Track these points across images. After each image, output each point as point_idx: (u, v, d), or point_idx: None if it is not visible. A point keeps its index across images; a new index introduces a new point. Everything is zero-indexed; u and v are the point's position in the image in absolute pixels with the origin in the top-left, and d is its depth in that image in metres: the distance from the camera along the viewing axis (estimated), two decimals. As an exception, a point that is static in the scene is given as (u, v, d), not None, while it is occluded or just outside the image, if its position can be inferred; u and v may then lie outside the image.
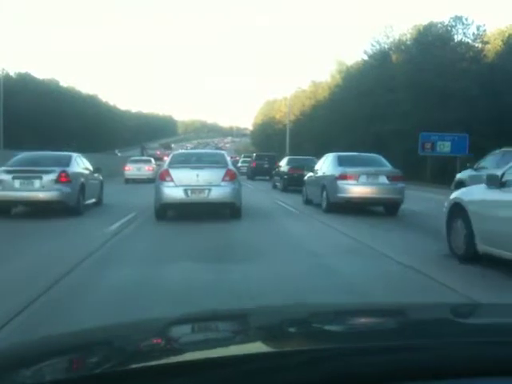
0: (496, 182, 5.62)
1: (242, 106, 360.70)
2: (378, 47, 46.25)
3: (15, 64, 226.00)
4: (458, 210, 6.14)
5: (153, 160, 30.03)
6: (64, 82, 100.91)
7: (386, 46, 46.12)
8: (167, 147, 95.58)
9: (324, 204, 11.93)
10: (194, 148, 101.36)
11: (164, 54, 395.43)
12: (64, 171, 10.59)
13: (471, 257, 5.87)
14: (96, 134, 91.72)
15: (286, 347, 1.13)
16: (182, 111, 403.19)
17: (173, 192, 9.78)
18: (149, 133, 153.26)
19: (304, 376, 0.89)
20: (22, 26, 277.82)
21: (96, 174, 13.00)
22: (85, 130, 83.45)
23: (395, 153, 34.48)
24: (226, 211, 10.31)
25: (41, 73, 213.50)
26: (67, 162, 11.27)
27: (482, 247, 5.68)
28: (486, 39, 42.40)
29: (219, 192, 9.87)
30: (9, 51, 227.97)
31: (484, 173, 11.30)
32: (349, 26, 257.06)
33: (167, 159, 11.38)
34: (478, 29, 42.26)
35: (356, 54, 78.08)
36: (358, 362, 0.94)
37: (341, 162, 11.96)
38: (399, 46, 44.16)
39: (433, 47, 39.15)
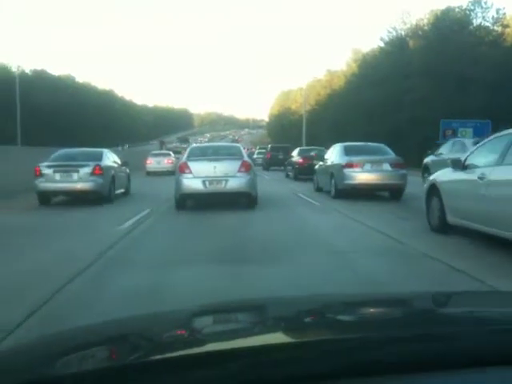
0: (460, 166, 6.89)
1: (258, 97, 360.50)
2: (394, 34, 46.27)
3: (31, 61, 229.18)
4: (433, 190, 7.49)
5: (172, 153, 31.94)
6: (80, 78, 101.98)
7: (403, 33, 45.95)
8: (185, 141, 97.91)
9: (333, 191, 13.08)
10: (209, 141, 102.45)
11: (179, 47, 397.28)
12: (98, 165, 12.29)
13: (443, 228, 7.23)
14: (113, 128, 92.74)
15: (307, 337, 1.14)
16: (198, 104, 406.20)
17: (192, 183, 10.53)
18: (165, 126, 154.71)
19: (325, 366, 0.92)
20: (36, 24, 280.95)
21: (124, 167, 14.65)
22: (102, 125, 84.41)
23: (413, 140, 34.35)
24: (243, 200, 11.11)
25: (56, 69, 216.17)
26: (99, 156, 12.95)
27: (450, 219, 7.02)
28: (505, 22, 41.58)
29: (235, 182, 10.57)
30: (24, 48, 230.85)
31: (441, 158, 14.67)
32: (364, 13, 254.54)
33: (185, 152, 12.23)
34: (497, 12, 41.68)
35: (372, 41, 78.16)
36: (379, 352, 0.96)
37: (347, 151, 13.10)
38: (416, 31, 43.84)
39: (451, 32, 38.68)
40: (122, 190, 14.18)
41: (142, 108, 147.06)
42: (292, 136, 58.72)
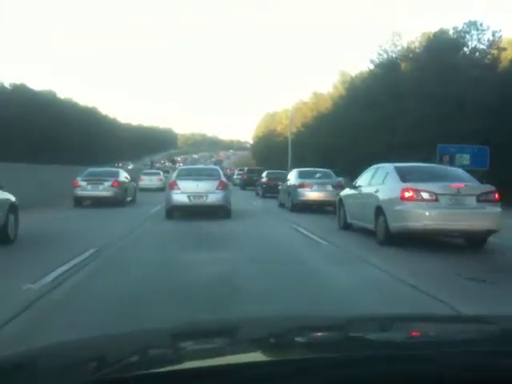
0: (352, 186, 11.73)
1: (242, 119, 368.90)
2: (385, 56, 48.62)
3: (10, 75, 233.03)
4: (340, 202, 12.33)
5: (161, 172, 39.75)
6: (61, 94, 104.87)
7: (394, 55, 48.26)
8: (173, 161, 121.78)
9: (289, 205, 18.18)
10: (185, 163, 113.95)
11: (164, 67, 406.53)
12: (116, 180, 19.73)
13: (345, 227, 11.90)
14: (95, 147, 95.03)
15: (285, 355, 1.31)
16: (183, 124, 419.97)
17: (179, 197, 14.63)
18: (149, 146, 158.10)
19: (303, 383, 1.04)
20: (17, 37, 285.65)
21: (132, 182, 21.73)
22: (83, 143, 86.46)
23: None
24: (220, 212, 15.29)
25: (37, 84, 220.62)
26: (117, 174, 20.76)
27: (350, 220, 11.81)
28: (502, 45, 43.23)
29: (214, 197, 14.71)
30: (4, 62, 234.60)
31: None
32: (349, 36, 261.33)
33: (174, 173, 17.25)
34: (493, 35, 43.31)
35: (360, 64, 79.89)
36: (357, 371, 1.09)
37: (300, 175, 18.53)
38: (407, 54, 46.02)
39: (445, 54, 40.23)
40: (130, 198, 21.36)
41: (125, 126, 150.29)
42: (277, 158, 60.49)
